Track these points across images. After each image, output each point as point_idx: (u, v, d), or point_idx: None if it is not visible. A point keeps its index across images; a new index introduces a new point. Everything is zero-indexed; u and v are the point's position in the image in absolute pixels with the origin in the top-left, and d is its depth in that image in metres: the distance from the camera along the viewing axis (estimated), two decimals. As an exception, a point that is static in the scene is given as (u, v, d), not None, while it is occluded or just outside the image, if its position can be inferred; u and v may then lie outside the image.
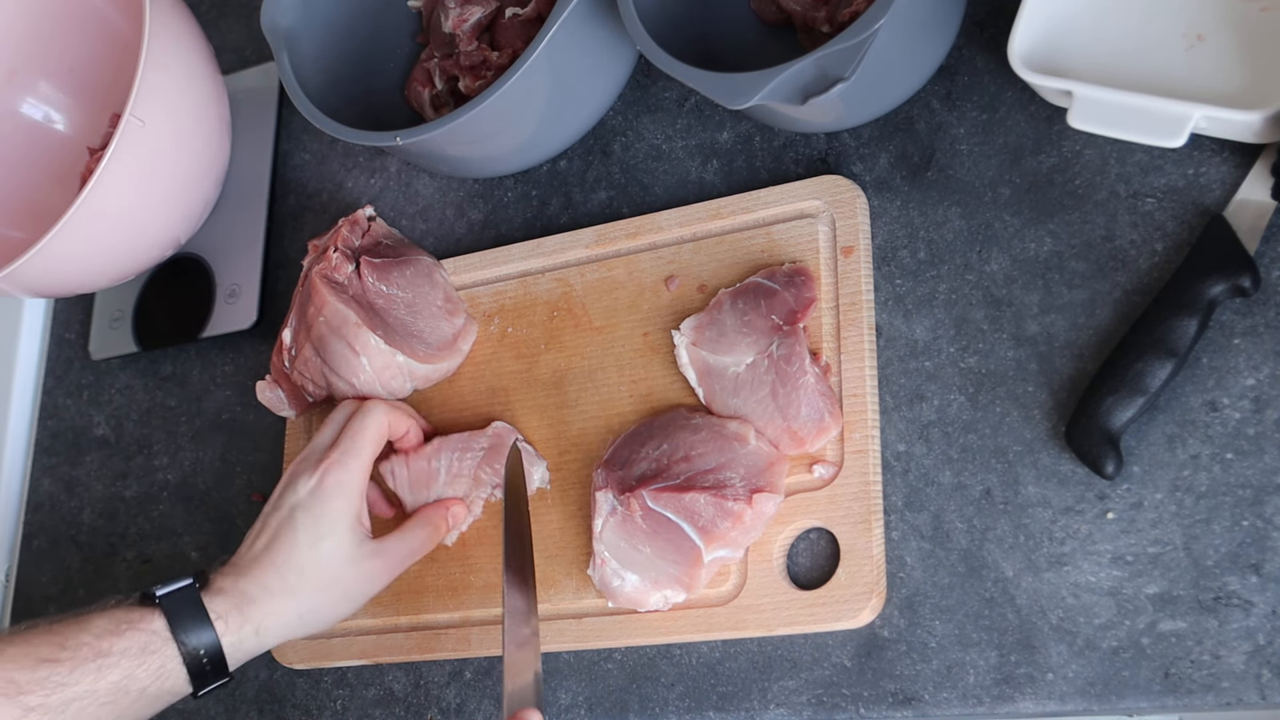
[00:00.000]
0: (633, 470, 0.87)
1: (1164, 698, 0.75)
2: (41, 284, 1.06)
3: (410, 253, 1.02)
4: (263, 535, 0.88)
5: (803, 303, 0.87)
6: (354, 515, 0.88)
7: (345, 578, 0.88)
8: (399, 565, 0.91)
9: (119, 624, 0.82)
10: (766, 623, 0.85)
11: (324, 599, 0.87)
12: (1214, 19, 0.80)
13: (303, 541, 0.86)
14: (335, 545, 0.87)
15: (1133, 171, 0.83)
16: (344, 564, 0.87)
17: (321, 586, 0.87)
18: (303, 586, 0.86)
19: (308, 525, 0.87)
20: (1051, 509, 0.80)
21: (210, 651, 0.83)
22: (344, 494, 0.88)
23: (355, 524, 0.88)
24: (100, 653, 0.80)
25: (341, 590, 0.88)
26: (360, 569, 0.88)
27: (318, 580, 0.87)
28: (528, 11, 1.02)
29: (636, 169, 1.00)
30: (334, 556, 0.87)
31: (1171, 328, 0.77)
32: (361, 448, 0.90)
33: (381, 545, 0.90)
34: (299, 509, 0.87)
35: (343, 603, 0.88)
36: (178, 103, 1.03)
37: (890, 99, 0.89)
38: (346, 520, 0.88)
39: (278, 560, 0.86)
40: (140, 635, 0.82)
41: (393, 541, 0.91)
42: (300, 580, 0.86)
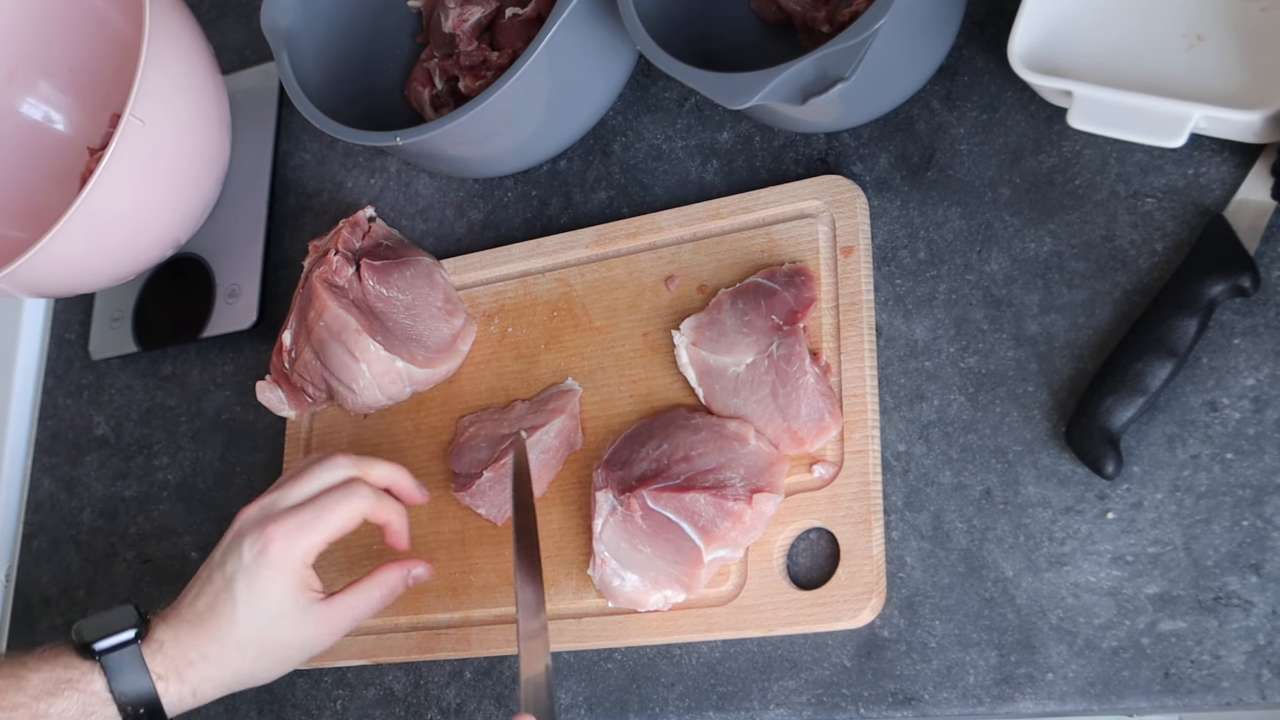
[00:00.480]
0: (633, 470, 0.87)
1: (1164, 698, 0.75)
2: (41, 284, 1.06)
3: (410, 254, 1.02)
4: (202, 596, 0.84)
5: (803, 303, 0.87)
6: (297, 585, 0.84)
7: (285, 644, 0.84)
8: (345, 627, 0.86)
9: (57, 684, 0.80)
10: (766, 623, 0.85)
11: (261, 664, 0.84)
12: (1214, 19, 0.80)
13: (241, 613, 0.83)
14: (275, 616, 0.83)
15: (1133, 171, 0.83)
16: (284, 633, 0.84)
17: (259, 655, 0.84)
18: (240, 656, 0.83)
19: (247, 595, 0.83)
20: (1051, 509, 0.80)
21: (150, 710, 0.81)
22: (286, 567, 0.83)
23: (299, 592, 0.84)
24: (37, 715, 0.78)
25: (279, 654, 0.85)
26: (302, 634, 0.84)
27: (256, 650, 0.84)
28: (528, 11, 1.02)
29: (636, 169, 1.00)
30: (273, 627, 0.83)
31: (1171, 328, 0.77)
32: (320, 527, 0.84)
33: (327, 610, 0.85)
34: (238, 576, 0.83)
35: (282, 665, 0.86)
36: (178, 103, 1.03)
37: (890, 99, 0.89)
38: (289, 591, 0.83)
39: (214, 628, 0.83)
40: (79, 696, 0.80)
41: (341, 603, 0.85)
42: (239, 652, 0.83)
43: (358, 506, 0.85)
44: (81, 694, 0.80)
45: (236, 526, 0.86)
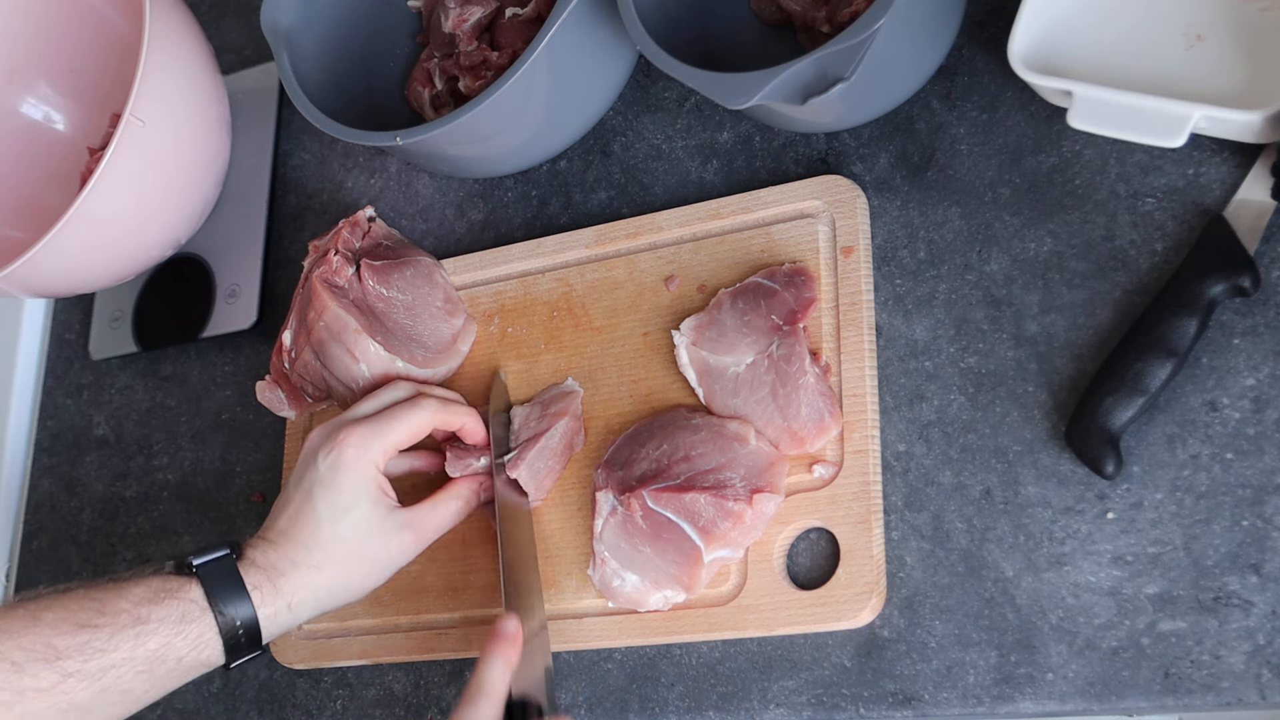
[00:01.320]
0: (633, 470, 0.87)
1: (1164, 698, 0.75)
2: (41, 284, 1.06)
3: (410, 253, 1.02)
4: (286, 510, 0.87)
5: (803, 303, 0.87)
6: (374, 489, 0.87)
7: (372, 550, 0.87)
8: (428, 536, 0.89)
9: (157, 592, 0.81)
10: (766, 623, 0.85)
11: (352, 572, 0.86)
12: (1214, 19, 0.80)
13: (324, 518, 0.86)
14: (357, 520, 0.86)
15: (1133, 171, 0.83)
16: (369, 538, 0.86)
17: (347, 560, 0.86)
18: (329, 561, 0.85)
19: (327, 501, 0.86)
20: (1051, 509, 0.80)
21: (246, 623, 0.83)
22: (360, 470, 0.87)
23: (377, 496, 0.87)
24: (139, 620, 0.80)
25: (369, 563, 0.87)
26: (388, 541, 0.87)
27: (344, 555, 0.86)
28: (528, 11, 1.02)
29: (636, 169, 1.01)
30: (357, 531, 0.86)
31: (1171, 328, 0.77)
32: (389, 432, 0.88)
33: (410, 515, 0.88)
34: (317, 485, 0.86)
35: (371, 575, 0.88)
36: (178, 103, 1.03)
37: (890, 99, 0.89)
38: (367, 494, 0.87)
39: (302, 537, 0.85)
40: (179, 604, 0.81)
41: (422, 511, 0.89)
42: (326, 555, 0.85)
43: (425, 412, 0.90)
44: (180, 601, 0.81)
45: (307, 446, 0.89)
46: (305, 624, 0.94)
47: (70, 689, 0.77)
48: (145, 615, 0.80)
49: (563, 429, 0.92)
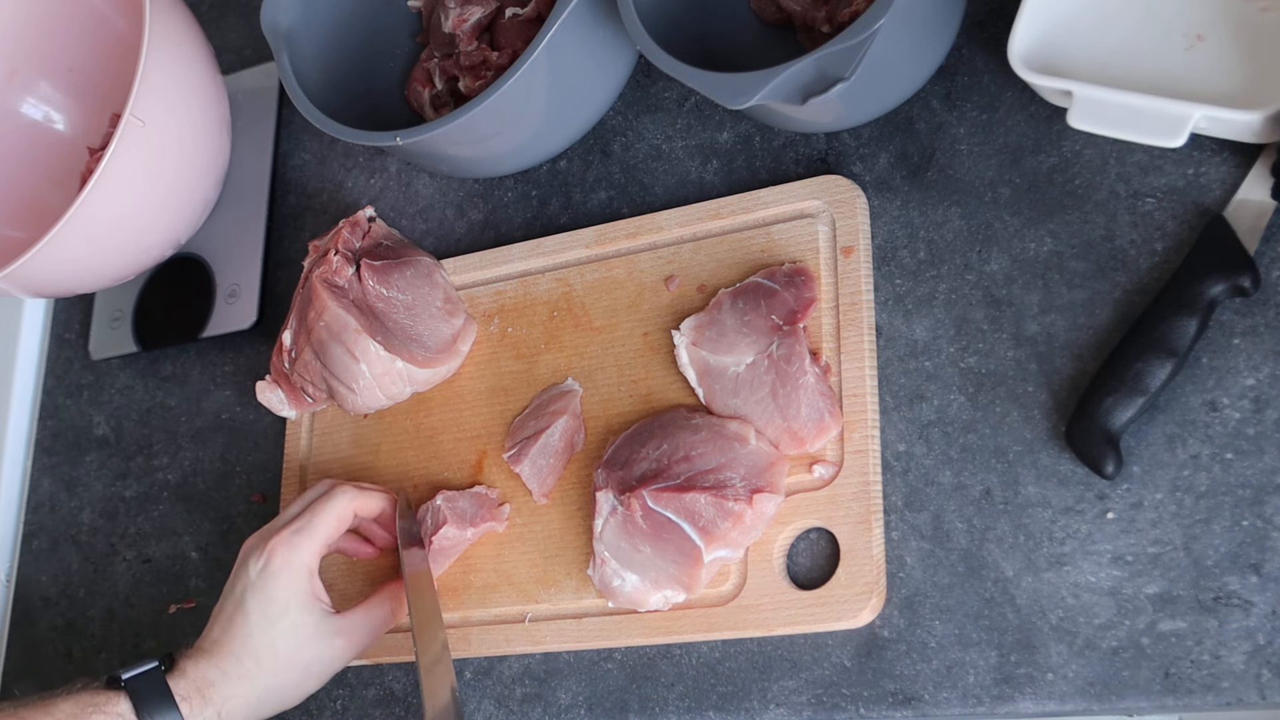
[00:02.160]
0: (633, 470, 0.87)
1: (1164, 698, 0.75)
2: (41, 284, 1.06)
3: (410, 253, 1.02)
4: (219, 619, 0.87)
5: (803, 303, 0.87)
6: (306, 594, 0.87)
7: (303, 658, 0.87)
8: (363, 642, 0.90)
9: (84, 708, 0.81)
10: (766, 623, 0.85)
11: (283, 680, 0.87)
12: (1214, 19, 0.80)
13: (255, 625, 0.86)
14: (288, 627, 0.86)
15: (1133, 171, 0.83)
16: (300, 646, 0.87)
17: (278, 669, 0.86)
18: (259, 670, 0.85)
19: (258, 608, 0.86)
20: (1051, 509, 0.80)
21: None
22: (292, 575, 0.87)
23: (309, 602, 0.87)
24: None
25: (300, 670, 0.87)
26: (320, 649, 0.87)
27: (274, 664, 0.86)
28: (528, 11, 1.02)
29: (636, 169, 1.01)
30: (288, 639, 0.86)
31: (1171, 328, 0.77)
32: (316, 528, 0.89)
33: (343, 622, 0.89)
34: (248, 592, 0.87)
35: (304, 683, 0.88)
36: (178, 103, 1.03)
37: (890, 99, 0.89)
38: (299, 600, 0.87)
39: (233, 646, 0.86)
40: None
41: (356, 618, 0.90)
42: (256, 664, 0.85)
43: (344, 503, 0.91)
44: (107, 717, 0.81)
45: (241, 554, 0.90)
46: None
47: None
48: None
49: (562, 427, 0.92)
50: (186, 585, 1.10)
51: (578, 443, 0.93)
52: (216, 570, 1.09)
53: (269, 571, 0.86)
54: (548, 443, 0.92)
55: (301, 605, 0.87)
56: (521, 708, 0.93)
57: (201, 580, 1.10)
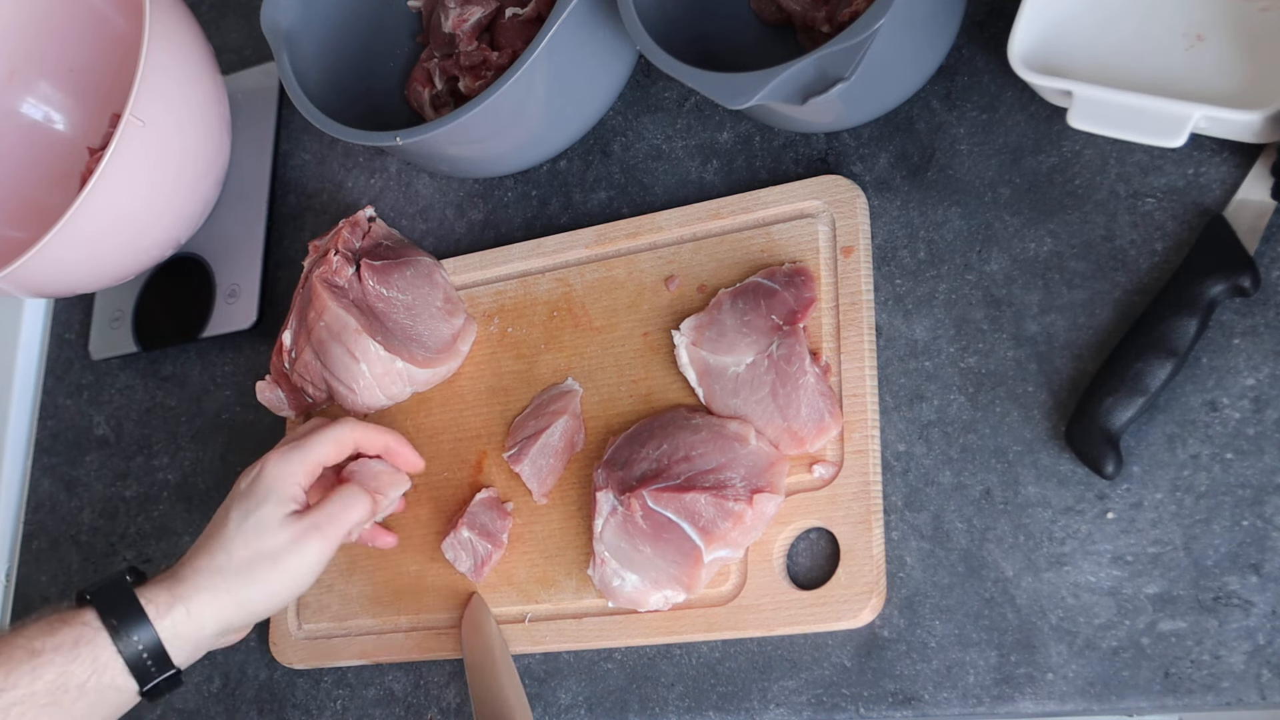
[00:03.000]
0: (633, 470, 0.87)
1: (1164, 698, 0.75)
2: (41, 284, 1.06)
3: (410, 253, 1.02)
4: (204, 531, 0.87)
5: (803, 303, 0.87)
6: (285, 495, 0.86)
7: (275, 550, 0.85)
8: (336, 536, 0.87)
9: (52, 623, 0.81)
10: (766, 623, 0.85)
11: (254, 575, 0.84)
12: (1214, 19, 0.80)
13: (232, 520, 0.85)
14: (261, 519, 0.85)
15: (1133, 171, 0.83)
16: (271, 535, 0.85)
17: (251, 562, 0.84)
18: (230, 564, 0.84)
19: (239, 508, 0.86)
20: (1051, 509, 0.80)
21: (147, 642, 0.81)
22: (276, 480, 0.86)
23: (285, 501, 0.86)
24: (33, 653, 0.79)
25: (271, 563, 0.85)
26: (293, 543, 0.85)
27: (247, 556, 0.84)
28: (528, 11, 1.02)
29: (636, 169, 1.01)
30: (259, 529, 0.85)
31: (1171, 328, 0.77)
32: (310, 446, 0.88)
33: (314, 516, 0.87)
34: (235, 501, 0.87)
35: (274, 580, 0.85)
36: (178, 103, 1.03)
37: (890, 99, 0.89)
38: (276, 497, 0.86)
39: (208, 544, 0.85)
40: (71, 630, 0.80)
41: (326, 510, 0.87)
42: (228, 558, 0.84)
43: (345, 429, 0.90)
44: (72, 627, 0.81)
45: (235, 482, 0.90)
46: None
47: None
48: (39, 647, 0.79)
49: (562, 427, 0.92)
50: (186, 585, 1.10)
51: (578, 442, 0.93)
52: (216, 570, 1.09)
53: (258, 481, 0.87)
54: (547, 443, 0.92)
55: (278, 499, 0.86)
56: (521, 708, 0.93)
57: (201, 580, 1.09)
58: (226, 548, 0.85)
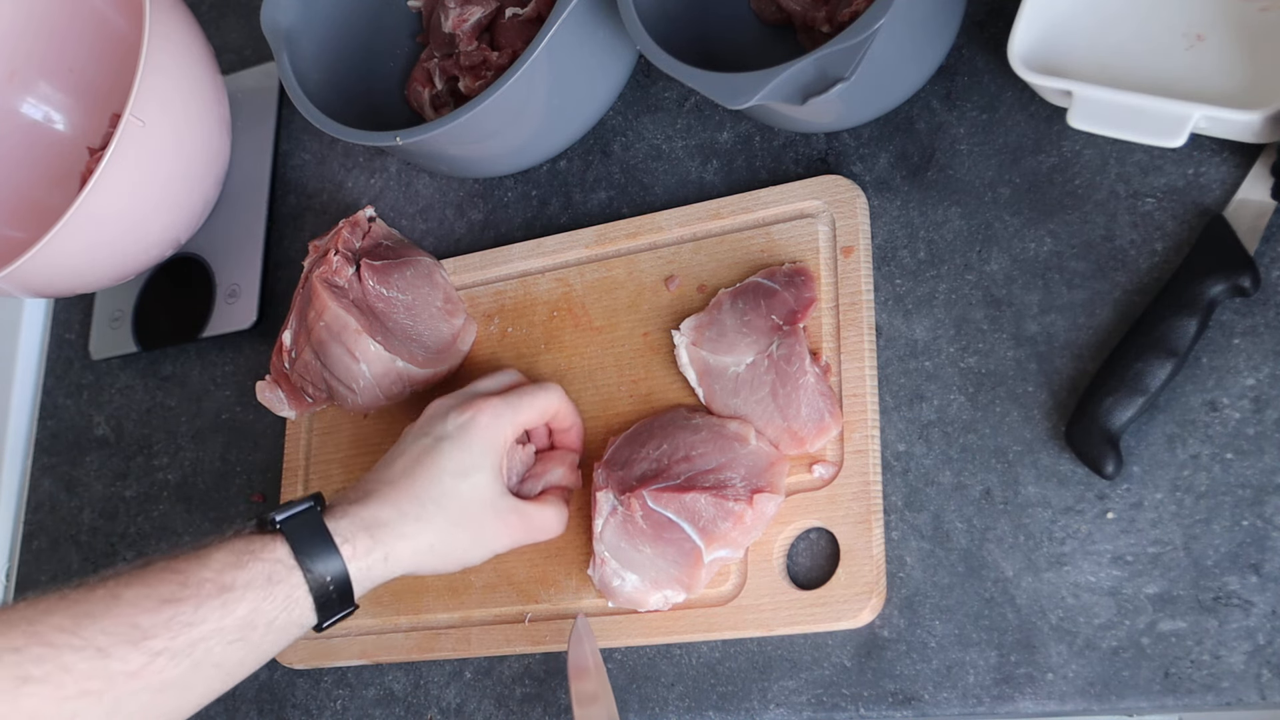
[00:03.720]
0: (633, 470, 0.87)
1: (1164, 698, 0.75)
2: (41, 284, 1.06)
3: (410, 253, 1.02)
4: (401, 460, 0.83)
5: (803, 303, 0.87)
6: (499, 461, 0.85)
7: (482, 520, 0.83)
8: (531, 532, 0.86)
9: (240, 555, 0.77)
10: (766, 623, 0.85)
11: (458, 535, 0.83)
12: (1214, 19, 0.80)
13: (447, 471, 0.82)
14: (478, 484, 0.83)
15: (1133, 171, 0.83)
16: (484, 506, 0.83)
17: (457, 521, 0.82)
18: (440, 516, 0.82)
19: (454, 457, 0.83)
20: (1051, 509, 0.80)
21: (336, 579, 0.78)
22: (494, 438, 0.84)
23: (499, 471, 0.85)
24: (224, 587, 0.75)
25: (475, 531, 0.83)
26: (499, 516, 0.84)
27: (456, 514, 0.82)
28: (528, 11, 1.02)
29: (636, 169, 1.01)
30: (475, 495, 0.83)
31: (1171, 328, 0.77)
32: (522, 408, 0.86)
33: (522, 504, 0.86)
34: (445, 440, 0.83)
35: (474, 546, 0.84)
36: (178, 103, 1.03)
37: (890, 99, 0.89)
38: (492, 463, 0.84)
39: (417, 487, 0.82)
40: (264, 565, 0.77)
41: (533, 507, 0.86)
42: (439, 509, 0.82)
43: (554, 396, 0.89)
44: (264, 561, 0.77)
45: (431, 410, 0.87)
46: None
47: (160, 668, 0.72)
48: (230, 582, 0.75)
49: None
50: (186, 585, 1.10)
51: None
52: (216, 570, 1.09)
53: (473, 426, 0.84)
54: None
55: (494, 470, 0.84)
56: (521, 708, 0.93)
57: (201, 580, 1.09)
58: (437, 500, 0.82)
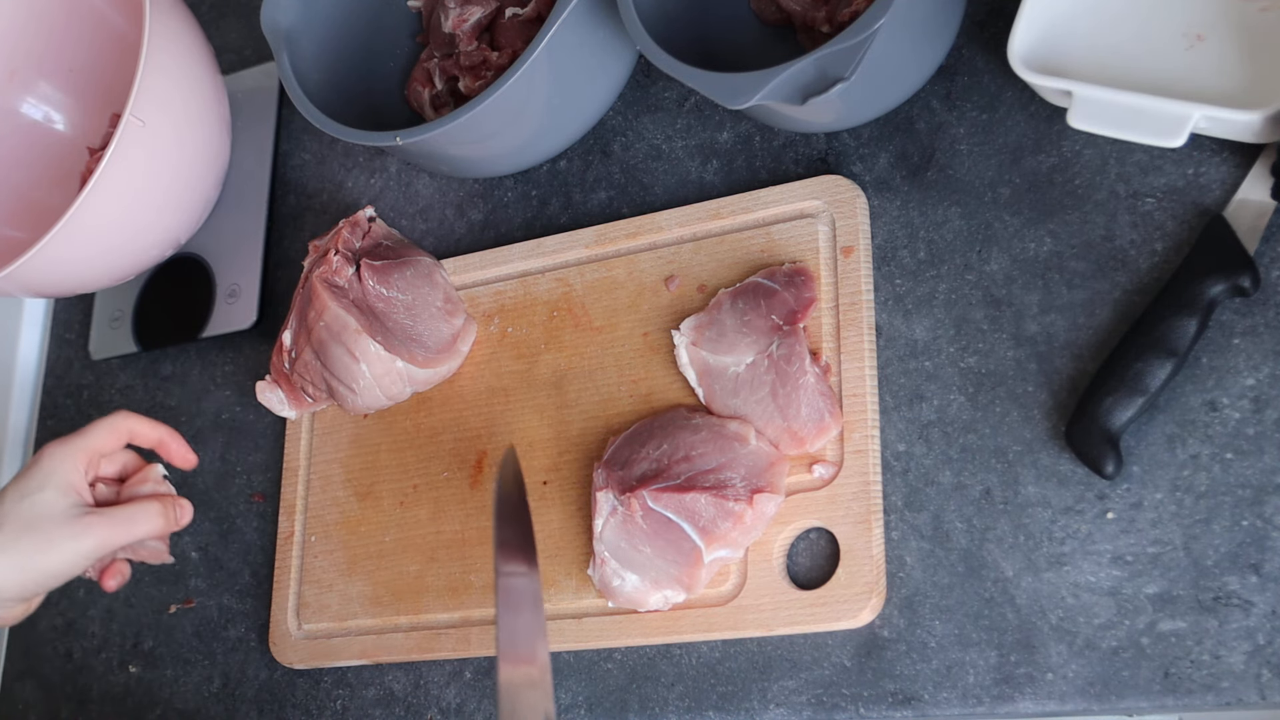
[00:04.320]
0: (633, 470, 0.87)
1: (1164, 698, 0.75)
2: (41, 284, 1.06)
3: (410, 253, 1.02)
4: None
5: (803, 303, 0.87)
6: (67, 483, 0.89)
7: (48, 528, 0.87)
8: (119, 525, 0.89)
9: None
10: (766, 623, 0.85)
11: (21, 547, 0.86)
12: (1214, 19, 0.80)
13: (9, 498, 0.87)
14: (39, 502, 0.87)
15: (1133, 171, 0.83)
16: (50, 520, 0.87)
17: (18, 534, 0.86)
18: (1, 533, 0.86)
19: (16, 487, 0.88)
20: (1051, 509, 0.80)
21: None
22: (59, 466, 0.89)
23: (68, 489, 0.89)
24: None
25: (42, 538, 0.87)
26: (70, 523, 0.87)
27: (15, 528, 0.86)
28: (528, 11, 1.02)
29: (636, 169, 1.01)
30: (36, 512, 0.87)
31: (1171, 328, 0.77)
32: (89, 434, 0.91)
33: (96, 517, 0.89)
34: (12, 481, 0.89)
35: (44, 554, 0.87)
36: (178, 103, 1.03)
37: (890, 99, 0.89)
38: (57, 484, 0.88)
39: None
40: None
41: (112, 516, 0.89)
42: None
43: (120, 420, 0.92)
44: None
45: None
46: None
47: None
48: None
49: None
50: (186, 585, 1.10)
51: None
52: (216, 570, 1.09)
53: (36, 461, 0.89)
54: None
55: (58, 488, 0.88)
56: (521, 708, 0.93)
57: (201, 580, 1.10)
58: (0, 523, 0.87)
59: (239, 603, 1.07)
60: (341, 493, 1.03)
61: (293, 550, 1.03)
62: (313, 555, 1.03)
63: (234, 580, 1.08)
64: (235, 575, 1.08)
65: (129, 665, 1.11)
